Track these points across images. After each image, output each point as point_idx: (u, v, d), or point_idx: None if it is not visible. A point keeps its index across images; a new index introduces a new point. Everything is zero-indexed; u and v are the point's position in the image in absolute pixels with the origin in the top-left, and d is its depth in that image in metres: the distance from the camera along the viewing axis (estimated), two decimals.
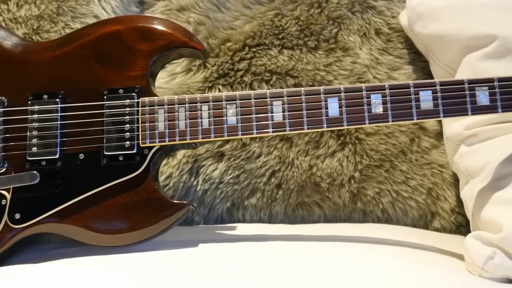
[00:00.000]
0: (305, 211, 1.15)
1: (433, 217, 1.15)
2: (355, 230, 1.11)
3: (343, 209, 1.15)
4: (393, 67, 1.19)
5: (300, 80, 1.16)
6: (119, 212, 0.95)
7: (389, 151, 1.14)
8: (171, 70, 1.18)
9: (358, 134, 1.14)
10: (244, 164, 1.14)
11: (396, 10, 1.21)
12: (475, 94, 0.91)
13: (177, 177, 1.14)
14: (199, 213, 1.14)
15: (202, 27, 1.19)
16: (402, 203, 1.14)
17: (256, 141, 1.14)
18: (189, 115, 0.95)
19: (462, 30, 1.07)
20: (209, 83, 1.16)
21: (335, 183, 1.14)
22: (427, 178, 1.14)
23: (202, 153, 1.14)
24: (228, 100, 0.95)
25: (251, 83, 1.15)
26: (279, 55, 1.17)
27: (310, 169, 1.14)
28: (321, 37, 1.18)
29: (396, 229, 1.13)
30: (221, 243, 0.99)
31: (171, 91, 1.15)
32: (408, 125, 1.15)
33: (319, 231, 1.10)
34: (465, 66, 1.07)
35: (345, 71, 1.17)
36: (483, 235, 0.91)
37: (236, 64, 1.16)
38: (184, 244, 0.96)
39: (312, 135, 1.14)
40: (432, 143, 1.16)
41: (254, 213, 1.15)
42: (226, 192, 1.14)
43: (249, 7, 1.19)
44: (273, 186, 1.14)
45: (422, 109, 0.92)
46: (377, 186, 1.14)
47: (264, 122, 0.94)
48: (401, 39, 1.21)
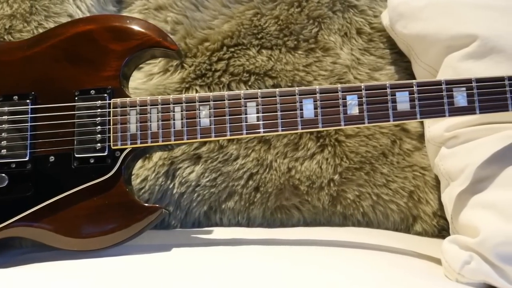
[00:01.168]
0: (284, 215, 1.15)
1: (414, 220, 1.15)
2: (334, 234, 1.10)
3: (322, 212, 1.15)
4: (374, 67, 1.19)
5: (279, 81, 1.16)
6: (90, 215, 0.94)
7: (369, 153, 1.14)
8: (148, 70, 1.18)
9: (338, 136, 1.14)
10: (221, 166, 1.14)
11: (378, 9, 1.22)
12: (452, 95, 0.91)
13: (153, 180, 1.13)
14: (175, 217, 1.14)
15: (180, 26, 1.19)
16: (383, 207, 1.15)
17: (234, 143, 1.14)
18: (161, 117, 0.95)
19: (443, 30, 1.07)
20: (186, 84, 1.16)
21: (314, 186, 1.14)
22: (408, 181, 1.14)
23: (178, 156, 1.14)
24: (202, 101, 0.95)
25: (229, 84, 1.16)
26: (258, 55, 1.17)
27: (288, 171, 1.14)
28: (300, 36, 1.18)
29: (376, 233, 1.13)
30: (195, 247, 0.99)
31: (147, 92, 1.15)
32: (389, 126, 1.15)
33: (297, 235, 1.10)
34: (446, 67, 1.07)
35: (325, 71, 1.17)
36: (460, 239, 0.91)
37: (214, 64, 1.16)
38: (157, 249, 0.96)
39: (291, 137, 1.14)
40: (414, 145, 1.16)
41: (231, 217, 1.15)
42: (203, 195, 1.14)
43: (228, 6, 1.19)
44: (251, 189, 1.14)
45: (399, 110, 0.92)
46: (357, 189, 1.14)
47: (237, 123, 0.93)
48: (383, 39, 1.21)
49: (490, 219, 0.89)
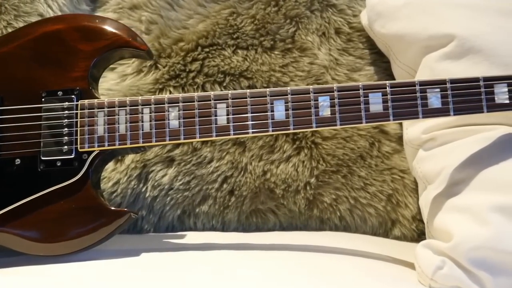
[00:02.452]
0: (259, 219, 1.15)
1: (393, 224, 1.15)
2: (310, 238, 1.11)
3: (299, 216, 1.15)
4: (353, 68, 1.19)
5: (255, 82, 1.16)
6: (56, 219, 0.95)
7: (347, 156, 1.15)
8: (121, 71, 1.18)
9: (314, 138, 1.14)
10: (195, 169, 1.14)
11: (358, 8, 1.22)
12: (426, 96, 0.91)
13: (125, 183, 1.13)
14: (148, 221, 1.14)
15: (154, 26, 1.19)
16: (361, 210, 1.15)
17: (208, 146, 1.14)
18: (129, 118, 0.95)
19: (421, 30, 1.07)
20: (160, 85, 1.16)
21: (290, 189, 1.14)
22: (387, 184, 1.15)
23: (151, 158, 1.14)
24: (171, 103, 0.95)
25: (204, 85, 1.16)
26: (233, 55, 1.17)
27: (264, 174, 1.14)
28: (277, 36, 1.18)
29: (353, 237, 1.13)
30: (164, 252, 0.99)
31: (121, 93, 1.16)
32: (367, 128, 1.16)
33: (272, 239, 1.09)
34: (424, 67, 1.07)
35: (302, 72, 1.17)
36: (433, 243, 0.91)
37: (188, 65, 1.16)
38: (125, 253, 0.96)
39: (266, 139, 1.14)
40: (393, 147, 1.16)
41: (206, 221, 1.15)
42: (176, 199, 1.14)
43: (204, 6, 1.19)
44: (225, 192, 1.14)
45: (372, 111, 0.92)
46: (334, 192, 1.14)
47: (207, 125, 0.94)
48: (362, 39, 1.21)
49: (464, 223, 0.89)
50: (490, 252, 0.85)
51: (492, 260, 0.86)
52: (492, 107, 0.91)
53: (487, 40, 1.00)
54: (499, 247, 0.85)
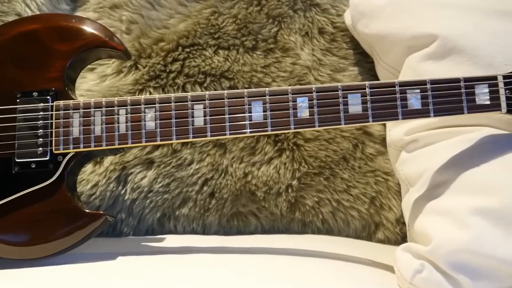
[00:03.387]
0: (240, 222, 1.15)
1: (376, 227, 1.15)
2: (292, 241, 1.11)
3: (280, 219, 1.15)
4: (337, 68, 1.19)
5: (236, 82, 1.16)
6: (31, 222, 0.95)
7: (329, 158, 1.15)
8: (101, 71, 1.18)
9: (296, 140, 1.14)
10: (175, 171, 1.14)
11: (342, 8, 1.22)
12: (406, 97, 0.92)
13: (104, 186, 1.13)
14: (127, 224, 1.14)
15: (135, 26, 1.19)
16: (344, 213, 1.15)
17: (188, 147, 1.14)
18: (105, 120, 0.95)
19: (404, 30, 1.07)
20: (140, 86, 1.16)
21: (272, 191, 1.14)
22: (370, 186, 1.15)
23: (130, 160, 1.14)
24: (147, 104, 0.95)
25: (184, 86, 1.16)
26: (214, 55, 1.17)
27: (245, 177, 1.14)
28: (259, 36, 1.18)
29: (336, 240, 1.13)
30: (142, 255, 0.99)
31: (100, 94, 1.16)
32: (351, 130, 1.16)
33: (253, 242, 1.10)
34: (407, 68, 1.07)
35: (284, 72, 1.17)
36: (413, 247, 0.91)
37: (169, 65, 1.16)
38: (101, 257, 0.96)
39: (247, 141, 1.14)
40: (377, 149, 1.16)
41: (186, 224, 1.15)
42: (156, 202, 1.14)
43: (185, 5, 1.19)
44: (205, 195, 1.14)
45: (351, 113, 0.92)
46: (317, 195, 1.14)
47: (184, 127, 0.94)
48: (346, 39, 1.21)
49: (444, 227, 0.89)
50: (469, 256, 0.86)
51: (472, 264, 0.86)
52: (473, 108, 0.91)
53: (469, 40, 1.01)
54: (478, 250, 0.85)
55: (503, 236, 0.86)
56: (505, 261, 0.85)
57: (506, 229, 0.86)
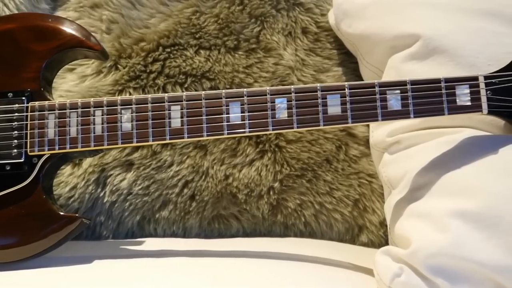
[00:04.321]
0: (221, 225, 1.15)
1: (360, 230, 1.15)
2: (273, 245, 1.11)
3: (262, 222, 1.15)
4: (320, 68, 1.19)
5: (217, 83, 1.16)
6: (5, 225, 0.95)
7: (312, 160, 1.15)
8: (80, 72, 1.18)
9: (278, 142, 1.14)
10: (155, 173, 1.14)
11: (326, 7, 1.22)
12: (386, 98, 0.92)
13: (82, 188, 1.13)
14: (107, 227, 1.14)
15: (115, 25, 1.19)
16: (326, 216, 1.15)
17: (168, 149, 1.14)
18: (81, 121, 0.95)
19: (387, 29, 1.07)
20: (120, 86, 1.16)
21: (253, 194, 1.14)
22: (353, 188, 1.15)
23: (109, 162, 1.14)
24: (123, 105, 0.95)
25: (164, 86, 1.16)
26: (195, 56, 1.17)
27: (226, 179, 1.14)
28: (241, 36, 1.18)
29: (318, 243, 1.13)
30: (119, 259, 0.99)
31: (79, 94, 1.16)
32: (334, 131, 1.16)
33: (234, 246, 1.09)
34: (390, 68, 1.07)
35: (266, 73, 1.17)
36: (392, 250, 0.91)
37: (149, 65, 1.16)
38: (77, 261, 0.97)
39: (228, 143, 1.14)
40: (361, 151, 1.16)
41: (167, 227, 1.15)
42: (135, 204, 1.14)
43: (166, 4, 1.19)
44: (186, 197, 1.14)
45: (329, 114, 0.92)
46: (299, 197, 1.14)
47: (161, 128, 0.94)
48: (330, 38, 1.21)
49: (423, 229, 0.89)
50: (448, 259, 0.85)
51: (451, 267, 0.86)
52: (453, 109, 0.91)
53: (452, 40, 1.01)
54: (458, 254, 0.85)
55: (482, 239, 0.85)
56: (485, 264, 0.84)
57: (486, 232, 0.86)
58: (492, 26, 1.01)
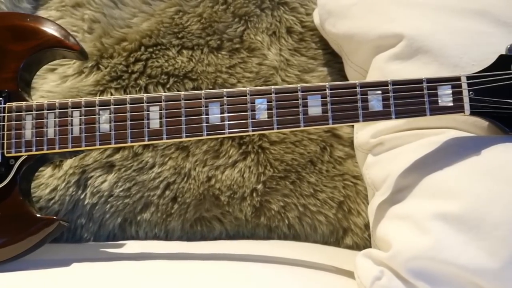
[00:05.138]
0: (204, 227, 1.15)
1: (345, 233, 1.15)
2: (256, 247, 1.10)
3: (245, 224, 1.15)
4: (305, 69, 1.19)
5: (200, 83, 1.16)
6: None
7: (296, 161, 1.15)
8: (62, 72, 1.18)
9: (262, 143, 1.14)
10: (136, 175, 1.14)
11: (312, 6, 1.22)
12: (367, 98, 0.92)
13: (63, 190, 1.13)
14: (88, 229, 1.14)
15: (97, 25, 1.19)
16: (310, 218, 1.15)
17: (149, 150, 1.14)
18: (58, 122, 0.95)
19: (371, 29, 1.07)
20: (101, 87, 1.16)
21: (236, 196, 1.14)
22: (338, 190, 1.15)
23: (90, 164, 1.14)
24: (102, 105, 0.95)
25: (146, 86, 1.16)
26: (178, 55, 1.17)
27: (208, 181, 1.14)
28: (224, 36, 1.18)
29: (302, 246, 1.13)
30: (98, 262, 0.99)
31: (60, 95, 1.16)
32: (319, 132, 1.16)
33: (216, 248, 1.09)
34: (374, 68, 1.07)
35: (250, 73, 1.17)
36: (373, 253, 0.91)
37: (131, 65, 1.16)
38: (55, 264, 0.96)
39: (211, 144, 1.14)
40: (346, 152, 1.16)
41: (148, 229, 1.15)
42: (116, 206, 1.14)
43: (149, 4, 1.19)
44: (168, 199, 1.14)
45: (310, 115, 0.92)
46: (282, 199, 1.14)
47: (139, 129, 0.94)
48: (315, 38, 1.21)
49: (404, 232, 0.89)
50: (429, 262, 0.85)
51: (432, 270, 0.86)
52: (435, 109, 0.91)
53: (436, 40, 1.01)
54: (439, 257, 0.85)
55: (464, 242, 0.85)
56: (466, 268, 0.84)
57: (467, 234, 0.86)
58: (477, 26, 1.01)
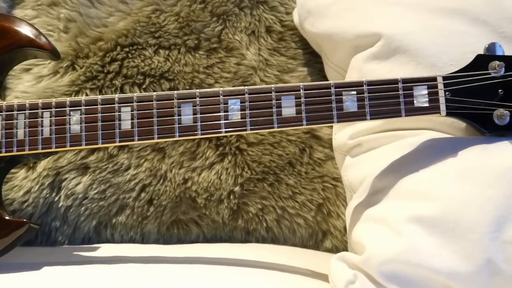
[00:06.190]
0: (181, 230, 1.15)
1: (324, 236, 1.16)
2: (233, 250, 1.11)
3: (223, 227, 1.15)
4: (285, 69, 1.19)
5: (177, 84, 1.16)
6: None
7: (274, 163, 1.15)
8: (37, 72, 1.18)
9: (239, 144, 1.14)
10: (111, 177, 1.14)
11: (292, 5, 1.22)
12: (342, 99, 0.92)
13: (37, 192, 1.13)
14: (62, 232, 1.14)
15: (73, 24, 1.19)
16: (289, 221, 1.15)
17: (125, 152, 1.14)
18: (28, 123, 0.95)
19: (349, 28, 1.07)
20: (76, 87, 1.16)
21: (213, 198, 1.14)
22: (317, 192, 1.15)
23: (64, 165, 1.14)
24: (72, 106, 0.95)
25: (122, 87, 1.16)
26: (154, 55, 1.17)
27: (185, 183, 1.14)
28: (202, 35, 1.18)
29: (280, 249, 1.13)
30: (69, 265, 0.99)
31: (35, 96, 1.16)
32: (298, 133, 1.16)
33: (193, 252, 1.09)
34: (353, 68, 1.07)
35: (228, 73, 1.17)
36: (347, 256, 0.92)
37: (107, 65, 1.16)
38: (25, 267, 0.96)
39: (187, 145, 1.14)
40: (326, 154, 1.16)
41: (124, 232, 1.15)
42: (91, 209, 1.14)
43: (125, 2, 1.19)
44: (143, 202, 1.14)
45: (284, 116, 0.92)
46: (260, 201, 1.15)
47: (110, 130, 0.94)
48: (295, 38, 1.21)
49: (378, 235, 0.89)
50: (403, 265, 0.86)
51: (405, 274, 0.86)
52: (410, 110, 0.91)
53: (414, 39, 1.01)
54: (412, 260, 0.85)
55: (438, 246, 0.86)
56: (440, 271, 0.85)
57: (441, 238, 0.86)
58: (456, 25, 1.01)
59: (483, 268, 0.84)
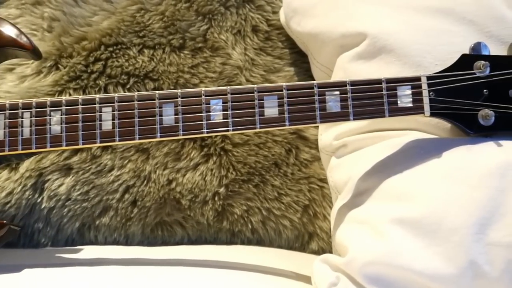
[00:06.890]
0: (165, 232, 1.15)
1: (310, 238, 1.16)
2: (218, 252, 1.11)
3: (207, 229, 1.15)
4: (271, 69, 1.19)
5: (161, 84, 1.16)
6: None
7: (259, 164, 1.15)
8: (20, 72, 1.18)
9: (224, 145, 1.15)
10: (95, 178, 1.14)
11: (278, 4, 1.22)
12: (325, 99, 0.92)
13: (19, 193, 1.13)
14: (45, 234, 1.14)
15: (57, 23, 1.19)
16: (275, 222, 1.15)
17: (108, 153, 1.14)
18: (8, 124, 0.95)
19: (334, 28, 1.07)
20: (59, 87, 1.16)
21: (198, 200, 1.14)
22: (303, 194, 1.15)
23: (47, 166, 1.14)
24: (53, 106, 0.95)
25: (106, 87, 1.16)
26: (139, 55, 1.17)
27: (169, 184, 1.14)
28: (187, 35, 1.18)
29: (265, 251, 1.13)
30: (50, 268, 0.99)
31: (18, 96, 1.16)
32: (284, 134, 1.16)
33: (177, 254, 1.09)
34: (338, 68, 1.07)
35: (213, 73, 1.17)
36: (330, 258, 0.92)
37: (90, 65, 1.16)
38: (5, 270, 0.97)
39: (172, 146, 1.14)
40: (313, 154, 1.16)
41: (108, 234, 1.15)
42: (74, 211, 1.14)
43: (110, 1, 1.19)
44: (127, 203, 1.14)
45: (266, 116, 0.92)
46: (245, 203, 1.15)
47: (91, 131, 0.94)
48: (282, 37, 1.21)
49: (361, 236, 0.90)
50: (386, 267, 0.86)
51: (388, 276, 0.86)
52: (394, 111, 0.92)
53: (399, 39, 1.01)
54: (395, 262, 0.86)
55: (421, 247, 0.86)
56: (422, 273, 0.85)
57: (424, 239, 0.86)
58: (442, 25, 1.01)
59: (466, 270, 0.84)
